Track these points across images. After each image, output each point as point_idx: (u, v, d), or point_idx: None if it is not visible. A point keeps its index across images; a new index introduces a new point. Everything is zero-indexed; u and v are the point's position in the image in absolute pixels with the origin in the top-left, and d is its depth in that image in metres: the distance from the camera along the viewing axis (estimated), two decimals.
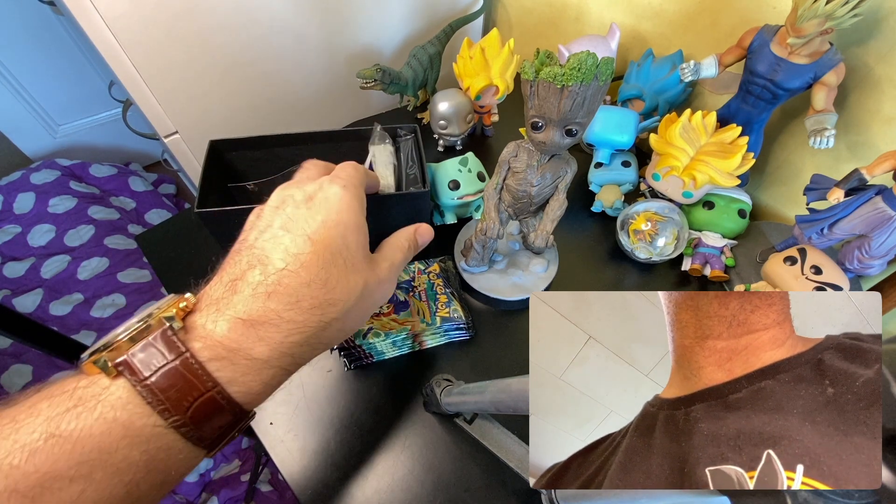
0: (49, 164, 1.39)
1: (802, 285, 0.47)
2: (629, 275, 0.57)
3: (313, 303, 0.26)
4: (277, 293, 0.25)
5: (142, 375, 0.21)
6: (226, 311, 0.24)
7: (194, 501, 0.96)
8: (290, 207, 0.28)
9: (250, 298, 0.24)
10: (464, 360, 0.48)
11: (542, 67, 0.33)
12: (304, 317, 0.25)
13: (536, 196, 0.44)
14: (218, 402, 0.23)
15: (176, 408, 0.21)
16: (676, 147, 0.53)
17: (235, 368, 0.23)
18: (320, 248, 0.26)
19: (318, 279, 0.26)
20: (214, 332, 0.23)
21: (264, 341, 0.24)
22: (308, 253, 0.26)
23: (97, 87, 1.43)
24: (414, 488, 0.40)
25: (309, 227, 0.27)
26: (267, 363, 0.24)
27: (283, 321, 0.25)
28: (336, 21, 0.68)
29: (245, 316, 0.24)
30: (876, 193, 0.43)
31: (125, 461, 0.20)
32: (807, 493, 0.18)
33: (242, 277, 0.25)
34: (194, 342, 0.23)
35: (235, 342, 0.23)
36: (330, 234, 0.27)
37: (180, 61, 0.59)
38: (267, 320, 0.24)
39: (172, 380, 0.21)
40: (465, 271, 0.53)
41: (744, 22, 0.54)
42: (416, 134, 0.52)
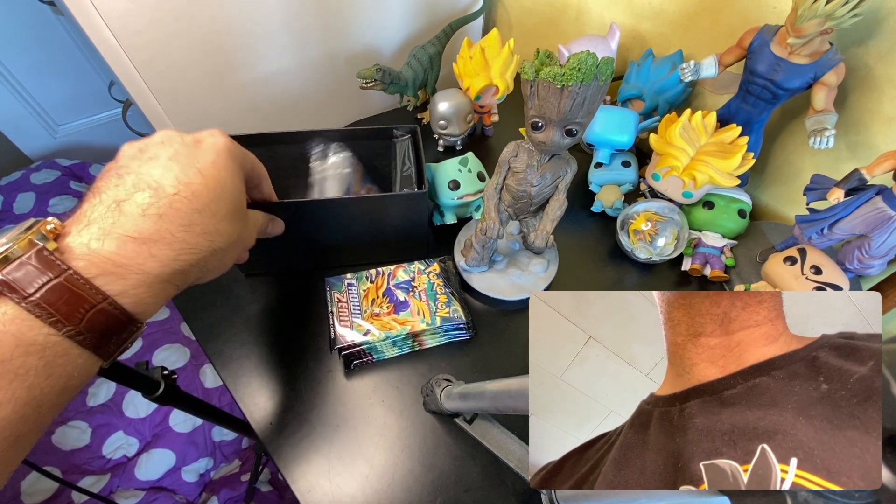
0: (49, 164, 1.39)
1: (802, 285, 0.47)
2: (629, 275, 0.57)
3: (204, 228, 0.29)
4: (169, 215, 0.27)
5: (24, 293, 0.22)
6: (112, 230, 0.25)
7: (194, 501, 0.96)
8: (177, 144, 0.29)
9: (140, 218, 0.26)
10: (464, 360, 0.48)
11: (542, 67, 0.33)
12: (196, 239, 0.28)
13: (536, 196, 0.44)
14: (110, 312, 0.25)
15: (68, 318, 0.23)
16: (676, 147, 0.53)
17: (126, 282, 0.25)
18: (211, 182, 0.29)
19: (208, 209, 0.29)
20: (101, 249, 0.25)
21: (156, 258, 0.26)
22: (198, 183, 0.28)
23: (97, 87, 1.43)
24: (414, 488, 0.40)
25: (199, 163, 0.29)
26: (158, 277, 0.27)
27: (176, 240, 0.27)
28: (336, 21, 0.68)
29: (136, 234, 0.26)
30: (876, 193, 0.43)
31: (23, 367, 0.22)
32: (807, 493, 0.18)
33: (130, 198, 0.26)
34: (76, 261, 0.24)
35: (126, 258, 0.25)
36: (220, 174, 0.30)
37: (180, 61, 0.59)
38: (159, 238, 0.26)
39: (59, 294, 0.23)
40: (465, 271, 0.53)
41: (744, 22, 0.54)
42: (416, 135, 0.52)
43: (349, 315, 0.46)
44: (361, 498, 0.39)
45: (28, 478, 0.89)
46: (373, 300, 0.48)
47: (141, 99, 0.59)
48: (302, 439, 0.42)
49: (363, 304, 0.47)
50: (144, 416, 0.99)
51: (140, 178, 0.27)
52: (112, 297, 0.25)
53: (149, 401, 0.47)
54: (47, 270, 0.23)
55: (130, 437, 0.98)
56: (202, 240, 0.29)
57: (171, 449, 0.97)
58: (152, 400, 0.47)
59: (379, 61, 0.67)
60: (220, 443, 1.02)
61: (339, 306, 0.47)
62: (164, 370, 0.48)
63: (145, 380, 0.45)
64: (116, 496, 0.91)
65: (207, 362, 1.08)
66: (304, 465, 0.41)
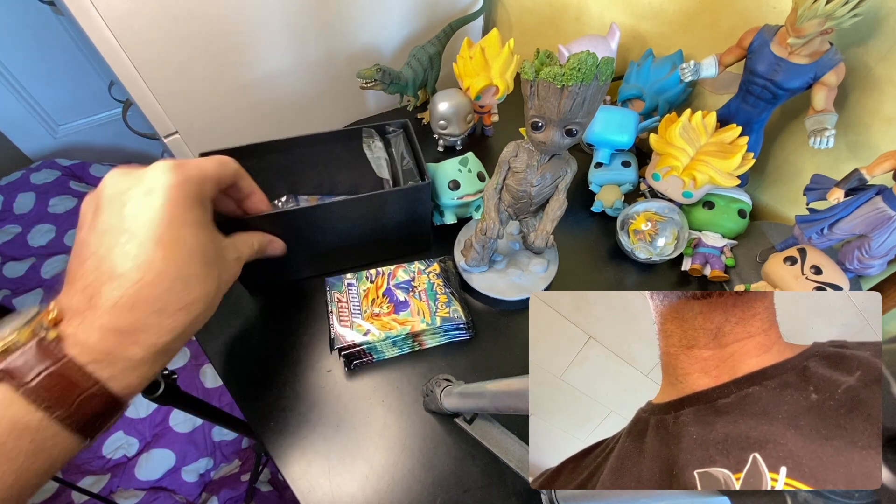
0: (49, 164, 1.40)
1: (802, 285, 0.47)
2: (629, 275, 0.57)
3: (178, 305, 0.28)
4: (139, 304, 0.26)
5: (23, 380, 0.23)
6: (93, 322, 0.26)
7: (194, 501, 0.96)
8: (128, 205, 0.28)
9: (113, 311, 0.26)
10: (464, 360, 0.48)
11: (542, 67, 0.33)
12: (172, 319, 0.28)
13: (536, 196, 0.44)
14: (99, 396, 0.26)
15: (60, 404, 0.24)
16: (676, 147, 0.53)
17: (114, 368, 0.26)
18: (172, 250, 0.28)
19: (177, 284, 0.28)
20: (88, 340, 0.25)
21: (137, 344, 0.27)
22: (160, 259, 0.27)
23: (97, 87, 1.43)
24: (414, 488, 0.40)
25: (153, 231, 0.27)
26: (142, 361, 0.27)
27: (152, 326, 0.27)
28: (336, 21, 0.68)
29: (112, 326, 0.26)
30: (876, 193, 0.43)
31: (15, 450, 0.23)
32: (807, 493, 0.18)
33: (98, 293, 0.26)
34: (71, 349, 0.25)
35: (109, 347, 0.26)
36: (180, 233, 0.28)
37: (180, 61, 0.59)
38: (136, 328, 0.27)
39: (55, 381, 0.24)
40: (465, 271, 0.53)
41: (744, 22, 0.54)
42: (407, 129, 0.52)
43: (349, 315, 0.46)
44: (361, 498, 0.39)
45: None
46: (373, 300, 0.48)
47: (141, 99, 0.59)
48: (302, 439, 0.42)
49: (363, 304, 0.47)
50: (144, 416, 0.99)
51: (100, 264, 0.26)
52: (102, 383, 0.26)
53: (149, 401, 0.47)
54: (46, 359, 0.24)
55: (130, 437, 0.98)
56: (179, 317, 0.28)
57: (171, 449, 0.97)
58: (152, 400, 0.47)
59: (379, 61, 0.67)
60: (220, 443, 1.02)
61: (339, 306, 0.47)
62: (164, 370, 0.48)
63: None
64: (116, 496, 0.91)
65: (207, 362, 1.07)
66: (304, 465, 0.41)
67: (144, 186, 0.28)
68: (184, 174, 0.29)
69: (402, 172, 0.51)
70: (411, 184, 0.48)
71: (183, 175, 0.29)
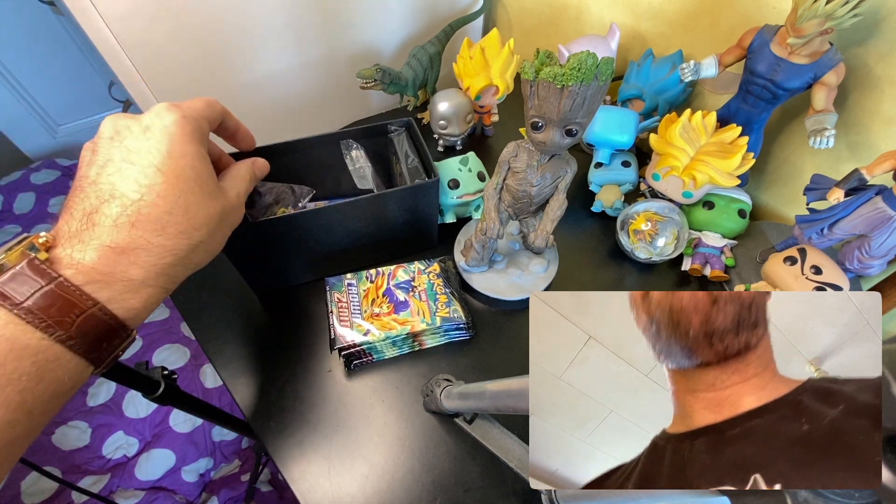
0: (49, 164, 1.40)
1: (802, 285, 0.46)
2: (629, 275, 0.57)
3: (179, 228, 0.28)
4: (140, 222, 0.26)
5: (16, 300, 0.23)
6: (90, 241, 0.25)
7: (194, 501, 0.96)
8: (127, 139, 0.28)
9: (113, 229, 0.26)
10: (464, 360, 0.48)
11: (542, 67, 0.33)
12: (173, 241, 0.28)
13: (536, 196, 0.44)
14: (100, 317, 0.25)
15: (59, 324, 0.24)
16: (676, 147, 0.53)
17: (113, 289, 0.26)
18: (172, 178, 0.28)
19: (178, 207, 0.28)
20: (84, 260, 0.25)
21: (137, 265, 0.27)
22: (161, 183, 0.27)
23: (97, 87, 1.43)
24: (414, 488, 0.40)
25: (154, 159, 0.28)
26: (144, 283, 0.27)
27: (153, 246, 0.27)
28: (336, 21, 0.68)
29: (113, 244, 0.26)
30: (876, 193, 0.43)
31: (16, 371, 0.23)
32: (807, 494, 0.18)
33: (98, 211, 0.26)
34: (65, 269, 0.25)
35: (108, 267, 0.26)
36: (178, 164, 0.28)
37: (180, 62, 0.59)
38: (137, 246, 0.26)
39: (50, 300, 0.24)
40: (465, 271, 0.53)
41: (744, 22, 0.54)
42: (410, 127, 0.52)
43: (349, 315, 0.46)
44: (361, 498, 0.39)
45: (28, 478, 0.89)
46: (373, 300, 0.48)
47: (141, 99, 0.59)
48: (302, 439, 0.42)
49: (363, 304, 0.47)
50: (144, 416, 0.99)
51: (100, 188, 0.27)
52: (102, 303, 0.25)
53: (149, 401, 0.47)
54: (39, 278, 0.24)
55: (130, 437, 0.98)
56: (180, 240, 0.28)
57: (171, 449, 0.97)
58: (152, 400, 0.47)
59: (379, 61, 0.67)
60: (220, 443, 1.02)
61: (339, 306, 0.47)
62: (164, 370, 0.48)
63: (145, 380, 0.45)
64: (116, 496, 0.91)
65: (207, 362, 1.07)
66: (304, 465, 0.41)
67: (143, 124, 0.29)
68: (180, 112, 0.30)
69: (407, 171, 0.51)
70: (418, 181, 0.48)
71: (180, 113, 0.30)
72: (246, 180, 0.37)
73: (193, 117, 0.31)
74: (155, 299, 0.28)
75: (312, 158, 0.53)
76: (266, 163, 0.41)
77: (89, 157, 0.28)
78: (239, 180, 0.36)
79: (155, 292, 0.28)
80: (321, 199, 0.58)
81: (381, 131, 0.54)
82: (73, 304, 0.24)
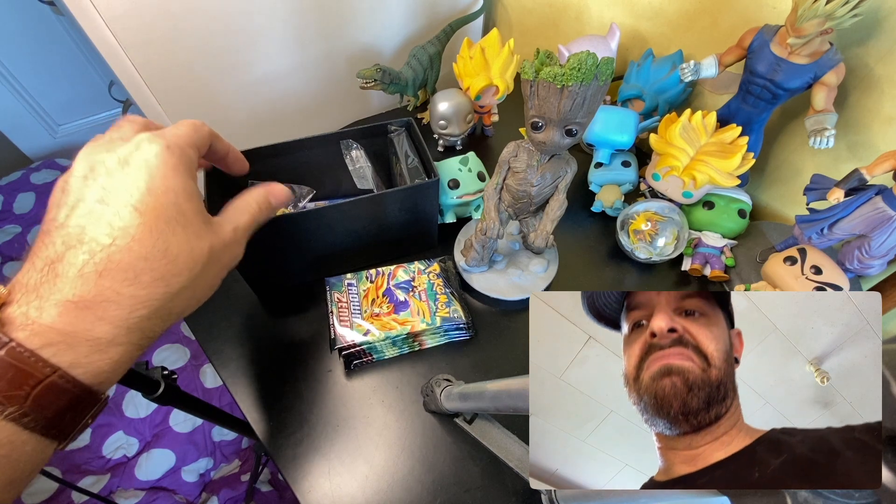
0: (49, 164, 1.40)
1: (802, 285, 0.46)
2: (629, 275, 0.57)
3: (154, 275, 0.25)
4: (110, 270, 0.23)
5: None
6: (50, 296, 0.22)
7: (194, 501, 0.96)
8: (102, 176, 0.25)
9: (77, 280, 0.23)
10: (464, 360, 0.48)
11: (542, 67, 0.33)
12: (147, 290, 0.24)
13: (536, 196, 0.44)
14: (62, 386, 0.22)
15: (10, 399, 0.20)
16: (676, 147, 0.53)
17: (76, 351, 0.22)
18: (151, 218, 0.25)
19: (155, 251, 0.24)
20: (41, 318, 0.22)
21: (105, 320, 0.23)
22: (137, 225, 0.24)
23: (97, 87, 1.43)
24: (414, 488, 0.40)
25: (132, 197, 0.24)
26: (112, 341, 0.23)
27: (124, 297, 0.24)
28: (336, 21, 0.68)
29: (76, 298, 0.22)
30: (876, 193, 0.43)
31: None
32: (807, 494, 0.18)
33: (62, 259, 0.23)
34: (17, 332, 0.21)
35: (70, 325, 0.22)
36: (160, 201, 0.25)
37: (180, 61, 0.59)
38: (104, 299, 0.23)
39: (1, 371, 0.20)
40: (465, 271, 0.53)
41: (744, 22, 0.54)
42: (410, 127, 0.52)
43: (349, 315, 0.46)
44: (361, 498, 0.39)
45: None
46: (373, 300, 0.48)
47: (141, 99, 0.59)
48: (302, 439, 0.42)
49: (363, 304, 0.47)
50: (144, 416, 1.00)
51: (68, 231, 0.23)
52: (63, 370, 0.22)
53: (149, 401, 0.47)
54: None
55: (130, 437, 0.98)
56: (156, 288, 0.25)
57: (171, 449, 0.97)
58: (152, 400, 0.47)
59: (379, 61, 0.67)
60: (220, 443, 1.02)
61: (339, 306, 0.47)
62: (164, 370, 0.48)
63: (145, 380, 0.45)
64: (116, 496, 0.91)
65: (207, 362, 1.08)
66: (304, 465, 0.41)
67: (121, 158, 0.26)
68: (163, 142, 0.27)
69: (407, 171, 0.51)
70: (419, 181, 0.48)
71: (163, 143, 0.27)
72: (250, 212, 0.32)
73: (178, 146, 0.27)
74: (126, 358, 0.25)
75: (312, 158, 0.53)
76: (285, 189, 0.36)
77: (59, 198, 0.25)
78: (240, 212, 0.32)
79: (126, 350, 0.24)
80: (321, 200, 0.58)
81: (381, 131, 0.54)
82: (26, 374, 0.21)
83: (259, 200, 0.33)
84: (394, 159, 0.54)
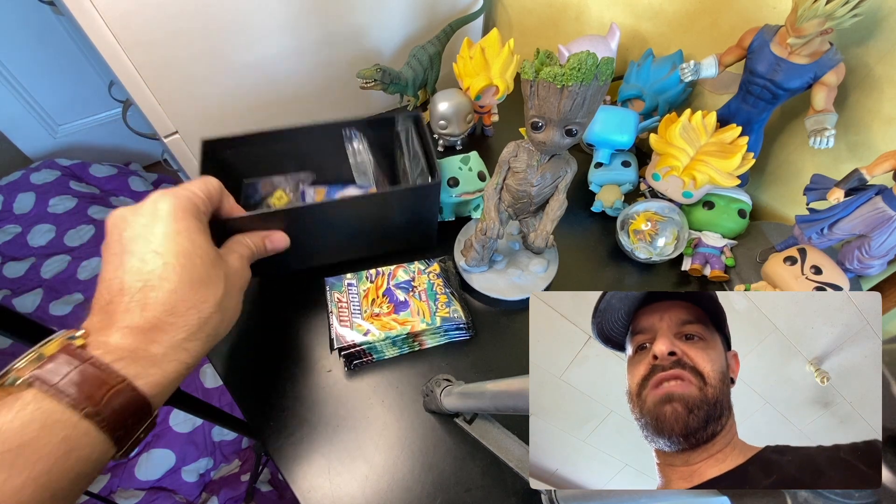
0: (49, 164, 1.40)
1: (802, 285, 0.46)
2: (629, 275, 0.57)
3: (187, 305, 0.31)
4: (149, 306, 0.29)
5: (52, 381, 0.25)
6: (113, 326, 0.29)
7: (194, 501, 0.96)
8: (126, 231, 0.31)
9: (127, 314, 0.29)
10: (464, 360, 0.48)
11: (542, 67, 0.33)
12: (183, 318, 0.31)
13: (536, 196, 0.44)
14: (127, 393, 0.27)
15: (89, 399, 0.25)
16: (676, 147, 0.53)
17: (138, 364, 0.28)
18: (171, 258, 0.30)
19: (182, 285, 0.30)
20: (109, 341, 0.28)
21: (156, 342, 0.29)
22: (161, 265, 0.30)
23: (97, 87, 1.43)
24: (414, 488, 0.40)
25: (151, 244, 0.31)
26: (164, 357, 0.29)
27: (167, 324, 0.30)
28: (336, 21, 0.68)
29: (132, 325, 0.29)
30: (876, 193, 0.43)
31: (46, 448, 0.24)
32: (807, 494, 0.18)
33: (112, 302, 0.30)
34: (95, 350, 0.27)
35: (132, 345, 0.28)
36: (176, 241, 0.31)
37: (180, 61, 0.59)
38: (151, 326, 0.29)
39: (83, 376, 0.26)
40: (465, 271, 0.53)
41: (744, 22, 0.54)
42: (418, 121, 0.52)
43: (349, 315, 0.46)
44: (361, 498, 0.39)
45: None
46: (373, 300, 0.48)
47: (141, 99, 0.59)
48: (302, 439, 0.42)
49: (363, 304, 0.47)
50: None
51: (110, 283, 0.30)
52: (129, 379, 0.27)
53: None
54: (73, 360, 0.26)
55: None
56: (191, 315, 0.31)
57: (171, 449, 0.97)
58: None
59: (379, 61, 0.67)
60: (220, 443, 1.02)
61: (339, 306, 0.47)
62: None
63: None
64: (116, 496, 0.91)
65: (207, 362, 1.07)
66: (304, 465, 0.41)
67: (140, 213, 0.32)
68: (172, 194, 0.33)
69: (411, 167, 0.50)
70: (421, 183, 0.48)
71: (171, 195, 0.33)
72: (249, 247, 0.39)
73: (185, 196, 0.33)
74: (176, 374, 0.30)
75: (314, 145, 0.53)
76: (285, 238, 0.43)
77: (104, 257, 0.32)
78: (242, 246, 0.39)
79: (176, 367, 0.30)
80: (321, 185, 0.57)
81: (388, 123, 0.53)
82: (102, 381, 0.26)
83: (257, 242, 0.40)
84: (398, 153, 0.54)
